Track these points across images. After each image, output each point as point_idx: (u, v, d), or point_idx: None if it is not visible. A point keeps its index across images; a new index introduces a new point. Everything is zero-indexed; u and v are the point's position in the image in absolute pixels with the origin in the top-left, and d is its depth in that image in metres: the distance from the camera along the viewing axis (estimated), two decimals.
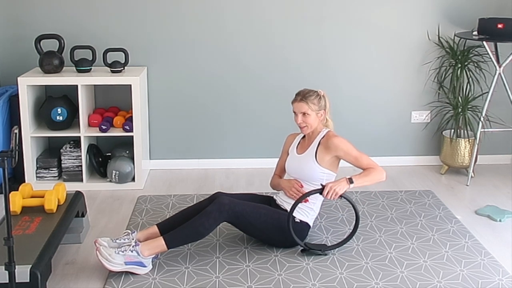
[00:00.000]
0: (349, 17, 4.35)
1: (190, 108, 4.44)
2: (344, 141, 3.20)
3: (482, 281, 2.92)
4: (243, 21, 4.32)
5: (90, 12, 4.24)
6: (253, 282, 2.91)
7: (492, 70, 4.29)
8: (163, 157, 4.52)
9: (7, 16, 4.22)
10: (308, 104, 3.18)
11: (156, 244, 2.97)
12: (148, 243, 2.98)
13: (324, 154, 3.20)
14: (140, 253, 2.93)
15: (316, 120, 3.23)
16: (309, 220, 3.22)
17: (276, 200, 3.34)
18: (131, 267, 2.92)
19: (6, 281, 2.42)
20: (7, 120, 4.03)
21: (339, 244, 3.22)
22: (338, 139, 3.20)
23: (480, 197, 4.01)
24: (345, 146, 3.18)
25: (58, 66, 4.04)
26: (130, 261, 2.91)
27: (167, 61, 4.36)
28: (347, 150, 3.18)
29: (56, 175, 4.14)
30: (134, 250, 2.92)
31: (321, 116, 3.24)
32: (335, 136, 3.22)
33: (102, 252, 2.89)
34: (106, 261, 2.88)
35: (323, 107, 3.25)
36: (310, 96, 3.20)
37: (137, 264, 2.93)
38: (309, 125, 3.22)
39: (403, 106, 4.55)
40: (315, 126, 3.24)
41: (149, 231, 3.14)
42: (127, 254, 2.91)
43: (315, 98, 3.20)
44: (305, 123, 3.21)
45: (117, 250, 2.92)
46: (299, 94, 3.24)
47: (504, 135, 4.60)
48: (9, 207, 2.34)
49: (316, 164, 3.19)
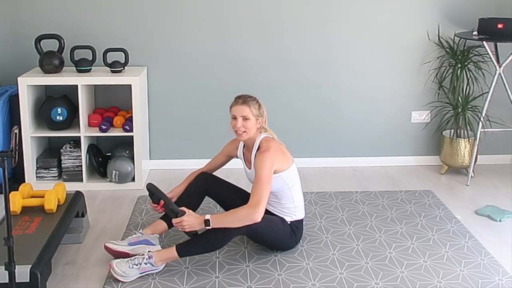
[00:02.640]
0: (349, 17, 4.35)
1: (190, 108, 4.45)
2: (265, 158, 3.01)
3: (482, 281, 2.92)
4: (243, 21, 4.32)
5: (90, 12, 4.24)
6: (253, 282, 2.91)
7: (492, 70, 4.29)
8: (163, 157, 4.52)
9: (7, 16, 4.22)
10: (250, 108, 3.09)
11: (169, 256, 2.99)
12: (161, 254, 2.99)
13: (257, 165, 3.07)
14: (154, 263, 2.97)
15: (255, 126, 3.12)
16: (298, 216, 3.22)
17: None
18: (145, 273, 2.98)
19: (6, 281, 2.42)
20: (7, 120, 4.03)
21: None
22: (263, 154, 3.03)
23: (480, 197, 4.01)
24: (260, 161, 3.01)
25: (58, 66, 4.04)
26: (144, 271, 2.97)
27: (167, 61, 4.36)
28: (258, 165, 3.00)
29: (56, 175, 4.14)
30: (149, 262, 2.96)
31: (260, 122, 3.14)
32: (264, 151, 3.04)
33: (116, 270, 2.91)
34: (122, 277, 2.92)
35: (262, 114, 3.15)
36: (251, 101, 3.12)
37: (151, 271, 2.99)
38: (248, 130, 3.11)
39: (403, 106, 4.55)
40: (253, 132, 3.14)
41: (156, 224, 3.24)
42: (142, 266, 2.95)
43: (256, 104, 3.12)
44: (245, 128, 3.10)
45: (130, 264, 2.94)
46: (240, 97, 3.14)
47: (504, 135, 4.60)
48: (9, 207, 2.34)
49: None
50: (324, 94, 4.46)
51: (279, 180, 3.12)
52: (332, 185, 4.20)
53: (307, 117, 4.50)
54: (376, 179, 4.33)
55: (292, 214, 3.19)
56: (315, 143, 4.57)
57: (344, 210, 3.75)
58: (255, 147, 3.16)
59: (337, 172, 4.48)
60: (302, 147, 4.52)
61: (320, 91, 4.46)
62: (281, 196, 3.17)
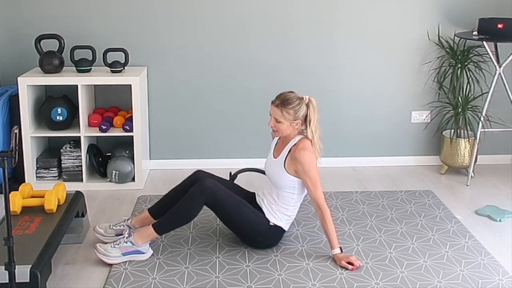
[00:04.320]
0: (348, 17, 4.35)
1: (190, 108, 4.45)
2: (310, 158, 3.04)
3: (482, 281, 2.92)
4: (244, 21, 4.32)
5: (90, 12, 4.24)
6: (253, 282, 2.91)
7: (492, 70, 4.29)
8: (163, 157, 4.52)
9: (7, 16, 4.22)
10: (282, 113, 3.04)
11: (147, 232, 3.08)
12: (140, 232, 3.10)
13: (291, 163, 3.09)
14: (135, 242, 3.04)
15: (289, 128, 3.10)
16: (283, 225, 3.20)
17: (256, 197, 3.31)
18: (130, 257, 3.06)
19: (6, 281, 2.42)
20: (7, 120, 4.03)
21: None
22: (305, 152, 3.03)
23: (480, 197, 4.01)
24: (306, 164, 3.02)
25: (58, 66, 4.04)
26: (126, 251, 3.04)
27: (167, 61, 4.36)
28: (307, 169, 3.03)
29: (56, 175, 4.14)
30: (128, 241, 3.05)
31: (296, 125, 3.09)
32: (303, 149, 3.04)
33: (99, 249, 3.04)
34: (104, 256, 3.02)
35: (301, 117, 3.07)
36: (288, 104, 3.04)
37: (134, 253, 3.06)
38: (280, 131, 3.12)
39: (403, 106, 4.55)
40: (288, 133, 3.13)
41: (141, 217, 3.31)
42: (122, 246, 3.04)
43: (294, 107, 3.04)
44: (276, 128, 3.12)
45: (112, 244, 3.06)
46: (278, 97, 3.09)
47: (504, 135, 4.60)
48: (9, 207, 2.34)
49: (284, 172, 3.11)
50: (325, 94, 4.46)
51: (296, 181, 3.12)
52: (332, 185, 4.20)
53: None
54: (376, 179, 4.33)
55: (279, 219, 3.18)
56: None
57: (344, 210, 3.75)
58: (291, 143, 3.13)
59: (337, 172, 4.48)
60: None
61: (320, 91, 4.45)
62: (282, 197, 3.17)
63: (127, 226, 3.29)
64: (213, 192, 3.05)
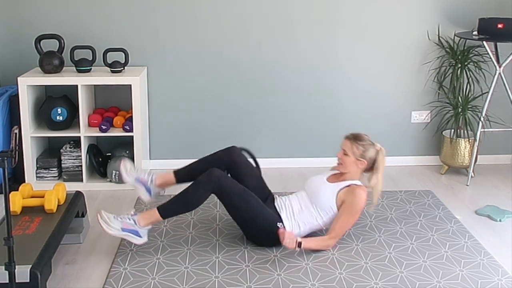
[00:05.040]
0: (348, 17, 4.35)
1: (190, 108, 4.45)
2: (362, 204, 3.17)
3: (482, 281, 2.92)
4: (243, 21, 4.32)
5: (90, 12, 4.24)
6: (252, 282, 2.91)
7: (492, 70, 4.29)
8: (163, 157, 4.52)
9: (7, 16, 4.23)
10: (352, 146, 3.21)
11: (151, 213, 3.12)
12: (144, 213, 3.15)
13: (344, 194, 3.20)
14: (137, 222, 3.08)
15: (354, 166, 3.23)
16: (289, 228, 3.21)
17: (275, 200, 3.33)
18: (127, 234, 3.07)
19: (6, 281, 2.42)
20: (7, 120, 4.03)
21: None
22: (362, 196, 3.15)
23: (480, 197, 4.01)
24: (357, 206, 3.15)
25: (58, 66, 4.04)
26: (126, 228, 3.06)
27: (167, 61, 4.36)
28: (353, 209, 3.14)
29: (56, 175, 4.15)
30: (132, 218, 3.09)
31: (361, 165, 3.22)
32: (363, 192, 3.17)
33: (103, 215, 3.06)
34: (105, 223, 3.04)
35: (367, 159, 3.22)
36: (360, 140, 3.22)
37: (132, 232, 3.08)
38: (344, 164, 3.24)
39: (403, 106, 4.55)
40: (351, 170, 3.24)
41: (166, 174, 3.37)
42: (125, 221, 3.07)
43: (364, 145, 3.21)
44: (342, 161, 3.24)
45: (116, 216, 3.09)
46: (353, 133, 3.28)
47: (504, 135, 4.60)
48: (9, 207, 2.34)
49: (333, 197, 3.20)
50: (325, 93, 4.46)
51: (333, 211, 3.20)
52: None
53: (307, 116, 4.50)
54: None
55: (292, 227, 3.20)
56: (315, 142, 4.57)
57: None
58: (354, 181, 3.23)
59: None
60: (302, 146, 4.52)
61: (320, 91, 4.47)
62: (309, 215, 3.22)
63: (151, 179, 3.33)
64: (220, 180, 3.09)
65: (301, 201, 3.28)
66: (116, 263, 3.08)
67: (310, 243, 3.13)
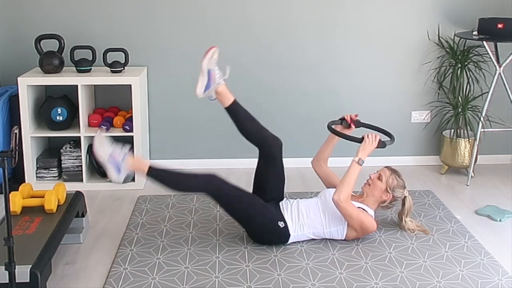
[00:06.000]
0: (349, 17, 4.35)
1: (190, 108, 4.45)
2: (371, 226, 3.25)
3: (482, 281, 2.92)
4: (243, 21, 4.32)
5: (90, 12, 4.24)
6: (252, 282, 2.91)
7: (492, 70, 4.29)
8: (163, 157, 4.51)
9: (7, 16, 4.23)
10: (390, 176, 3.30)
11: (142, 163, 3.16)
12: (136, 158, 3.20)
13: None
14: (125, 159, 3.09)
15: (379, 193, 3.30)
16: (292, 231, 3.22)
17: (280, 205, 3.31)
18: (109, 164, 3.08)
19: (6, 281, 2.42)
20: (7, 120, 4.03)
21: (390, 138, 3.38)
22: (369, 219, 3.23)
23: (480, 197, 4.01)
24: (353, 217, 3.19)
25: (58, 66, 4.04)
26: (113, 159, 3.08)
27: (167, 61, 4.36)
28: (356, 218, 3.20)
29: (56, 175, 4.15)
30: (124, 153, 3.10)
31: (386, 196, 3.30)
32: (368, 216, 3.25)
33: (101, 135, 3.10)
34: (98, 143, 3.07)
35: (394, 195, 3.30)
36: (397, 176, 3.32)
37: (115, 165, 3.09)
38: (373, 187, 3.31)
39: (403, 106, 4.55)
40: (374, 195, 3.31)
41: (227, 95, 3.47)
42: (116, 150, 3.09)
43: (398, 182, 3.30)
44: (372, 183, 3.31)
45: (113, 142, 3.11)
46: (394, 168, 3.37)
47: (504, 135, 4.60)
48: (9, 207, 2.34)
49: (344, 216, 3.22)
50: (325, 93, 4.46)
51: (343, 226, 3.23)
52: None
53: (307, 116, 4.50)
54: None
55: (295, 228, 3.22)
56: (315, 143, 4.55)
57: None
58: (361, 205, 3.28)
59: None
60: (302, 147, 4.52)
61: (320, 91, 4.47)
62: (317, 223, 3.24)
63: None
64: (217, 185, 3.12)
65: (310, 207, 3.28)
66: (116, 263, 3.08)
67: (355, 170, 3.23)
